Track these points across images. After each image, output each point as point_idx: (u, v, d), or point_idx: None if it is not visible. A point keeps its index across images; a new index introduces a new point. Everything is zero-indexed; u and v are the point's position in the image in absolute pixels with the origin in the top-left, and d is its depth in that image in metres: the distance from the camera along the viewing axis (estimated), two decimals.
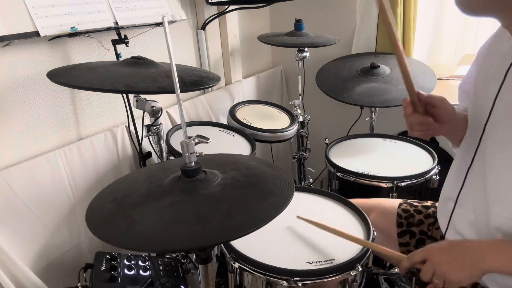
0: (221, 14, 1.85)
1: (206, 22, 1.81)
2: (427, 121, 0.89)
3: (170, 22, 1.52)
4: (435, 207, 1.12)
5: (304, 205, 1.17)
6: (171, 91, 0.75)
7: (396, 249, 1.12)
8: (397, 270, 1.34)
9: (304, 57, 1.85)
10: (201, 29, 1.81)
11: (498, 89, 0.80)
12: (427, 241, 1.09)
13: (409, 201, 1.17)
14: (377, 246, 0.94)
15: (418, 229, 1.10)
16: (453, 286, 0.79)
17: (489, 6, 0.73)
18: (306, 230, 1.05)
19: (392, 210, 1.15)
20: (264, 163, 0.89)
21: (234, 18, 1.96)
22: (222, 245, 0.99)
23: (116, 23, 1.29)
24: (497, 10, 0.74)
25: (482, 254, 0.77)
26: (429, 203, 1.15)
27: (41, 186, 1.23)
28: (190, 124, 1.62)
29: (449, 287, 0.79)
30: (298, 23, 1.83)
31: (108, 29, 1.29)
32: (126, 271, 1.14)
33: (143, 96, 1.30)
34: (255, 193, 0.75)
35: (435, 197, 1.12)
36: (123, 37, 1.35)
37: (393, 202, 1.18)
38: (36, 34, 1.09)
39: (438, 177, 1.41)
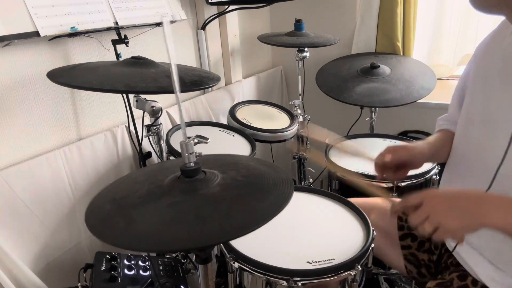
0: (221, 14, 1.85)
1: (206, 22, 1.81)
2: (402, 176, 1.04)
3: (170, 22, 1.52)
4: None
5: (304, 205, 1.17)
6: (171, 91, 0.75)
7: (398, 251, 1.11)
8: (397, 270, 1.34)
9: (304, 57, 1.85)
10: (201, 29, 1.81)
11: None
12: (426, 243, 1.09)
13: None
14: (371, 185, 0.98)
15: None
16: (445, 234, 0.75)
17: (500, 4, 0.74)
18: (306, 230, 1.05)
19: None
20: (263, 163, 0.89)
21: (234, 18, 1.96)
22: (221, 245, 0.99)
23: (116, 23, 1.29)
24: (505, 8, 0.75)
25: (488, 207, 0.74)
26: None
27: (41, 186, 1.23)
28: (190, 124, 1.62)
29: (439, 235, 0.75)
30: (298, 23, 1.83)
31: (108, 29, 1.29)
32: (126, 271, 1.14)
33: (143, 96, 1.30)
34: (254, 193, 0.75)
35: None
36: (123, 37, 1.35)
37: None
38: (36, 34, 1.10)
39: (438, 177, 1.41)
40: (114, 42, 1.35)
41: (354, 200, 1.16)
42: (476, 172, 0.90)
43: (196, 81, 1.15)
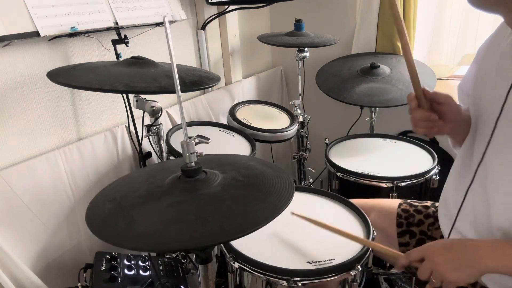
0: (221, 14, 1.85)
1: (206, 22, 1.81)
2: (432, 118, 0.87)
3: (170, 22, 1.52)
4: (435, 207, 1.12)
5: (304, 205, 1.17)
6: (171, 91, 0.75)
7: (396, 249, 1.12)
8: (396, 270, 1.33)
9: (304, 57, 1.85)
10: (201, 29, 1.81)
11: (509, 87, 0.78)
12: (427, 241, 1.09)
13: (409, 201, 1.17)
14: (374, 244, 0.95)
15: (418, 229, 1.10)
16: (451, 286, 0.78)
17: (496, 3, 0.74)
18: (306, 230, 1.05)
19: (392, 210, 1.15)
20: (264, 163, 0.89)
21: (234, 18, 1.96)
22: (222, 245, 0.99)
23: (116, 23, 1.29)
24: (502, 7, 0.75)
25: (481, 253, 0.77)
26: (429, 203, 1.15)
27: (41, 186, 1.23)
28: (190, 124, 1.62)
29: (447, 287, 0.78)
30: (298, 23, 1.83)
31: (108, 29, 1.29)
32: (126, 271, 1.14)
33: (143, 96, 1.30)
34: (255, 193, 0.75)
35: (435, 197, 1.12)
36: (123, 37, 1.35)
37: (393, 202, 1.18)
38: (36, 34, 1.09)
39: (438, 177, 1.41)
40: (114, 42, 1.35)
41: (354, 200, 1.16)
42: (464, 170, 0.91)
43: (196, 81, 1.15)
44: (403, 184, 1.36)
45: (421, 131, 0.91)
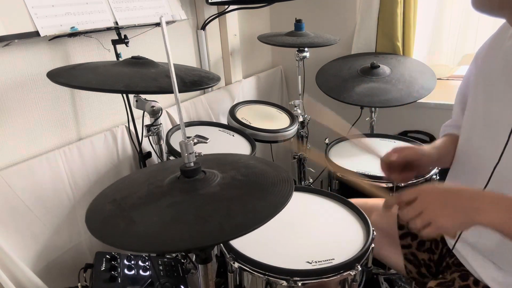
0: (221, 14, 1.85)
1: (206, 22, 1.81)
2: (408, 178, 1.04)
3: (170, 22, 1.52)
4: None
5: (304, 205, 1.17)
6: (171, 91, 0.75)
7: (398, 251, 1.12)
8: (397, 270, 1.33)
9: (304, 57, 1.85)
10: (201, 29, 1.81)
11: None
12: (427, 243, 1.09)
13: None
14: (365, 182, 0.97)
15: None
16: (437, 231, 0.75)
17: (502, 6, 0.74)
18: (306, 230, 1.05)
19: (393, 210, 1.14)
20: (263, 162, 0.89)
21: (234, 18, 1.96)
22: (221, 245, 0.99)
23: (116, 23, 1.29)
24: (507, 11, 0.75)
25: (481, 205, 0.73)
26: None
27: (41, 186, 1.23)
28: (190, 124, 1.62)
29: (429, 232, 0.75)
30: (298, 23, 1.83)
31: (108, 29, 1.29)
32: (126, 271, 1.14)
33: (143, 96, 1.30)
34: (254, 192, 0.75)
35: None
36: (123, 37, 1.35)
37: None
38: (36, 34, 1.10)
39: (438, 178, 1.41)
40: (114, 42, 1.35)
41: (354, 200, 1.16)
42: (476, 172, 0.90)
43: (196, 81, 1.15)
44: (403, 184, 1.36)
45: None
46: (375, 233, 1.01)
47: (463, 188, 0.79)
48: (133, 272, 1.15)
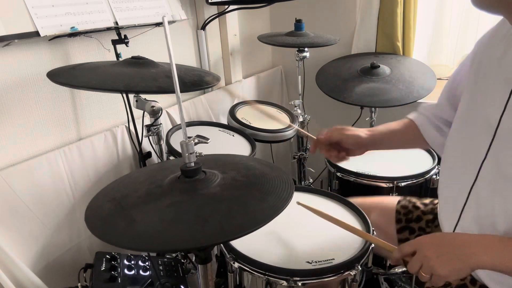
0: (221, 14, 1.85)
1: (206, 22, 1.81)
2: (339, 158, 1.11)
3: (170, 22, 1.52)
4: (434, 204, 1.12)
5: None
6: (171, 91, 0.75)
7: (396, 245, 1.11)
8: (396, 269, 1.34)
9: (304, 57, 1.85)
10: (201, 29, 1.81)
11: None
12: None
13: (408, 198, 1.17)
14: (372, 237, 0.95)
15: (417, 225, 1.10)
16: (440, 280, 0.77)
17: (500, 3, 0.75)
18: (305, 230, 1.05)
19: (391, 207, 1.15)
20: (263, 163, 0.89)
21: (234, 18, 1.96)
22: (221, 245, 0.99)
23: (116, 23, 1.29)
24: (505, 8, 0.75)
25: (472, 249, 0.76)
26: (428, 200, 1.15)
27: (41, 186, 1.23)
28: (190, 124, 1.62)
29: (436, 282, 0.77)
30: (298, 23, 1.83)
31: (108, 29, 1.29)
32: (126, 271, 1.14)
33: (143, 96, 1.30)
34: (254, 193, 0.75)
35: (436, 197, 1.12)
36: (123, 37, 1.35)
37: (392, 199, 1.18)
38: (36, 34, 1.09)
39: (438, 177, 1.41)
40: (114, 42, 1.35)
41: (354, 200, 1.16)
42: (465, 168, 0.90)
43: (196, 81, 1.15)
44: (403, 184, 1.36)
45: (335, 161, 1.14)
46: (375, 233, 1.01)
47: (456, 235, 0.83)
48: (133, 272, 1.15)
